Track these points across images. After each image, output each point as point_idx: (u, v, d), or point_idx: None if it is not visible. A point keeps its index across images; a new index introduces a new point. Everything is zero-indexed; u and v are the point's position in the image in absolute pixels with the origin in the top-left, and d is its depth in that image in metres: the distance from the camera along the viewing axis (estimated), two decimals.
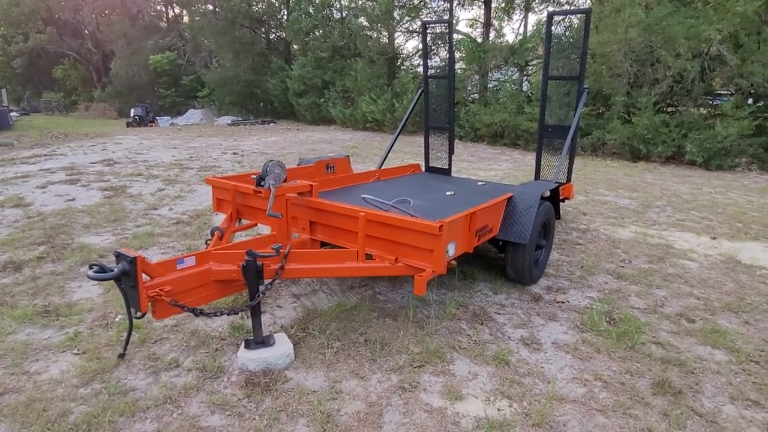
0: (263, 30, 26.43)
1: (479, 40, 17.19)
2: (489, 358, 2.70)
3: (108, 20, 33.19)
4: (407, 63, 20.01)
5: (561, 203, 4.85)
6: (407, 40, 21.05)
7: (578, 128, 5.39)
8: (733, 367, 2.68)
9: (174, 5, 35.22)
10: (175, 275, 2.37)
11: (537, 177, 5.47)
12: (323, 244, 3.39)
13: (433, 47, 10.97)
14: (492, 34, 17.21)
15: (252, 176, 3.23)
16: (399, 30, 19.55)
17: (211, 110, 26.46)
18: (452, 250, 2.78)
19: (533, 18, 19.50)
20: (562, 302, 3.46)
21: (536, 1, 17.84)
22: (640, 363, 2.69)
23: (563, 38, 5.27)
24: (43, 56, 36.82)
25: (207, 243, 3.23)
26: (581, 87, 4.97)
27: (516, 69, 15.89)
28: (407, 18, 18.87)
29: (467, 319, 3.16)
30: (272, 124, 22.29)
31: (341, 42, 19.59)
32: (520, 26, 19.99)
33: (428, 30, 5.54)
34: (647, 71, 11.15)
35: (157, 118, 24.75)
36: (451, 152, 5.50)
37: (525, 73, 16.11)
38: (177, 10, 35.62)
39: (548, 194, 3.83)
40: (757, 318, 3.29)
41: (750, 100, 10.93)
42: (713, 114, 11.28)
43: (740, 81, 10.27)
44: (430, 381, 2.49)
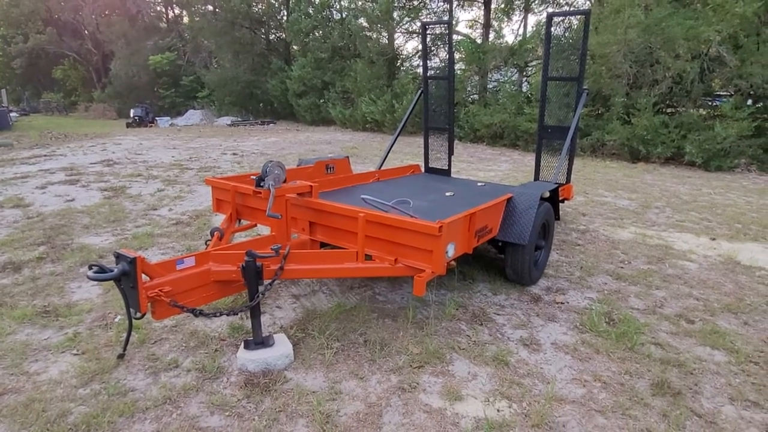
0: (263, 31, 26.45)
1: (479, 41, 17.20)
2: (488, 359, 2.70)
3: (108, 21, 33.20)
4: (407, 64, 20.03)
5: (560, 204, 4.85)
6: (407, 41, 21.11)
7: (578, 129, 5.40)
8: (733, 368, 2.68)
9: (174, 6, 35.28)
10: (175, 276, 2.37)
11: (536, 178, 5.47)
12: (323, 245, 3.39)
13: (433, 48, 11.01)
14: (491, 35, 17.23)
15: (251, 177, 3.23)
16: (399, 31, 19.58)
17: (211, 111, 26.46)
18: (452, 251, 2.78)
19: (533, 19, 19.49)
20: (562, 303, 3.47)
21: (536, 2, 17.86)
22: (640, 364, 2.69)
23: (563, 39, 5.28)
24: (43, 57, 36.82)
25: (206, 243, 3.24)
26: (581, 88, 4.98)
27: (515, 70, 15.91)
28: (407, 19, 18.89)
29: (467, 320, 3.16)
30: (272, 125, 22.29)
31: (341, 43, 19.62)
32: (520, 27, 20.02)
33: (428, 31, 5.54)
34: (647, 72, 11.16)
35: (157, 119, 24.74)
36: (451, 153, 5.50)
37: (524, 74, 16.13)
38: (177, 11, 35.70)
39: (548, 195, 3.83)
40: (756, 319, 3.30)
41: (749, 101, 10.95)
42: (712, 115, 11.29)
43: (739, 82, 10.29)
44: (430, 382, 2.49)
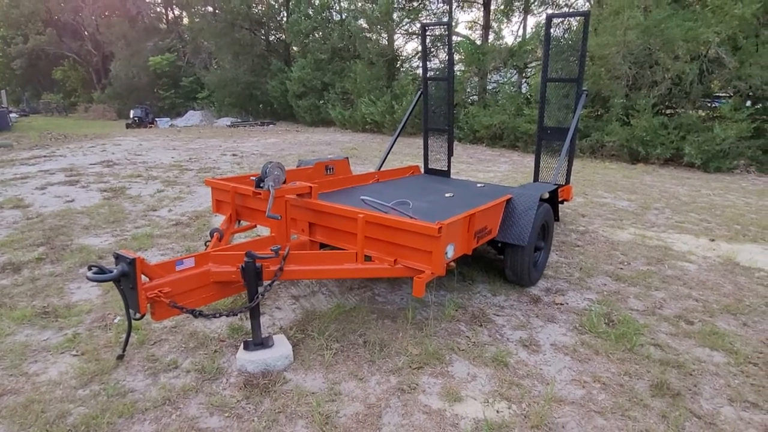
0: (263, 32, 26.48)
1: (478, 42, 17.22)
2: (488, 360, 2.70)
3: (108, 22, 33.23)
4: (406, 65, 20.06)
5: (560, 205, 4.86)
6: (406, 42, 21.15)
7: (577, 130, 5.41)
8: (732, 369, 2.68)
9: (174, 7, 35.30)
10: (174, 276, 2.37)
11: (536, 179, 5.48)
12: (322, 246, 3.39)
13: (433, 49, 11.00)
14: (491, 37, 17.25)
15: (251, 178, 3.23)
16: (398, 32, 19.60)
17: (211, 112, 26.48)
18: (451, 252, 2.78)
19: (532, 20, 19.52)
20: (561, 304, 3.47)
21: (535, 4, 17.89)
22: (639, 365, 2.69)
23: (562, 40, 5.30)
24: (43, 58, 36.84)
25: (206, 244, 3.23)
26: (580, 89, 4.99)
27: (515, 71, 15.92)
28: (406, 20, 18.91)
29: (466, 321, 3.16)
30: (271, 126, 22.30)
31: (341, 44, 19.64)
32: (519, 28, 20.08)
33: (427, 32, 5.55)
34: (646, 73, 11.18)
35: (157, 120, 24.77)
36: (450, 154, 5.51)
37: (524, 75, 16.14)
38: (177, 12, 35.74)
39: (547, 196, 3.84)
40: (756, 320, 3.30)
41: (748, 103, 10.97)
42: (712, 116, 11.31)
43: (738, 83, 10.31)
44: (429, 382, 2.49)
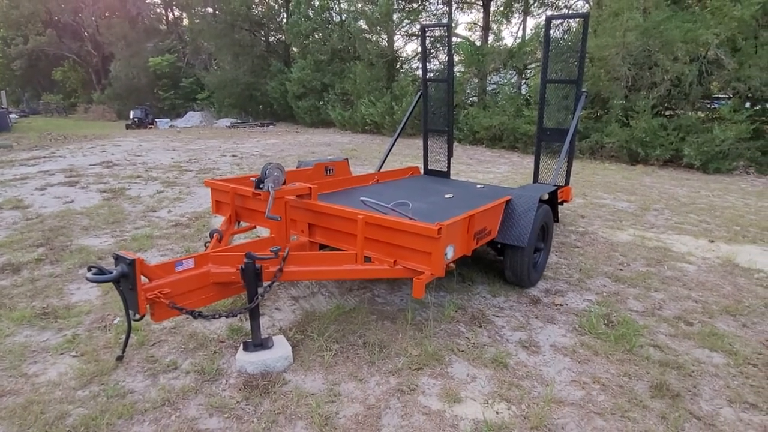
0: (263, 33, 26.51)
1: (478, 44, 17.26)
2: (487, 361, 2.70)
3: (108, 22, 33.23)
4: (406, 66, 20.10)
5: (559, 206, 4.86)
6: (406, 43, 21.21)
7: (576, 131, 5.41)
8: (731, 370, 2.68)
9: (174, 8, 35.33)
10: (174, 277, 2.37)
11: (535, 180, 5.48)
12: (322, 247, 3.40)
13: (432, 50, 10.95)
14: (491, 38, 17.30)
15: (251, 179, 3.23)
16: (398, 33, 19.64)
17: (211, 112, 26.50)
18: (451, 253, 2.78)
19: (532, 22, 19.59)
20: (561, 305, 3.47)
21: (535, 5, 17.95)
22: (638, 366, 2.69)
23: (561, 42, 5.29)
24: (43, 58, 36.85)
25: (206, 245, 3.23)
26: (579, 90, 4.99)
27: (514, 72, 15.95)
28: (406, 21, 18.95)
29: (466, 322, 3.16)
30: (271, 127, 22.31)
31: (340, 45, 19.66)
32: (519, 30, 20.14)
33: (427, 33, 5.56)
34: (645, 75, 11.20)
35: (157, 120, 24.76)
36: (450, 155, 5.51)
37: (523, 77, 16.17)
38: (177, 13, 35.78)
39: (547, 197, 3.84)
40: (755, 321, 3.30)
41: (747, 104, 10.99)
42: (711, 117, 11.34)
43: (738, 85, 10.33)
44: (429, 384, 2.49)
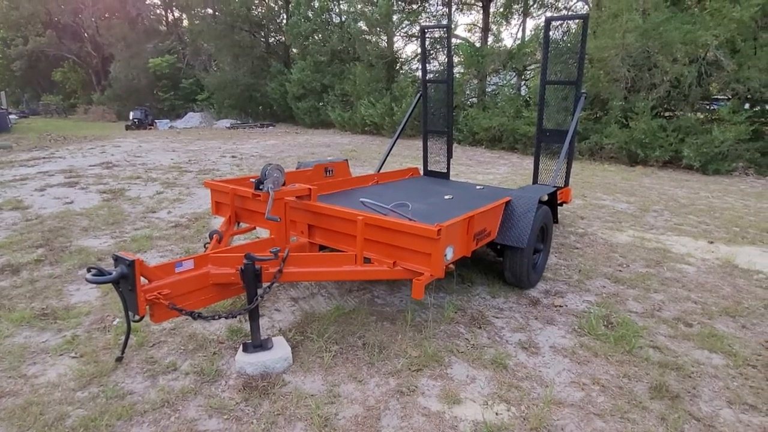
0: (262, 34, 26.53)
1: (478, 45, 17.28)
2: (487, 362, 2.70)
3: (108, 23, 33.25)
4: (406, 67, 20.10)
5: (559, 207, 4.86)
6: (406, 45, 21.23)
7: (576, 132, 5.42)
8: (731, 371, 2.68)
9: (174, 9, 35.36)
10: (174, 278, 2.37)
11: (535, 181, 5.49)
12: (322, 248, 3.40)
13: (432, 52, 11.04)
14: (490, 39, 17.31)
15: (251, 179, 3.24)
16: (398, 34, 19.66)
17: (210, 113, 26.51)
18: (450, 254, 2.79)
19: (531, 23, 19.64)
20: (560, 306, 3.47)
21: (534, 7, 17.99)
22: (638, 367, 2.69)
23: (561, 43, 5.30)
24: (43, 59, 36.87)
25: (205, 246, 3.23)
26: (579, 91, 5.00)
27: (514, 73, 15.97)
28: (406, 22, 18.97)
29: (465, 323, 3.16)
30: (271, 128, 22.32)
31: (340, 46, 19.68)
32: (519, 31, 20.15)
33: (427, 34, 5.56)
34: (644, 76, 11.21)
35: (156, 121, 24.76)
36: (450, 156, 5.51)
37: (523, 78, 16.19)
38: (176, 14, 35.80)
39: (546, 198, 3.84)
40: (754, 322, 3.31)
41: (747, 105, 11.00)
42: (710, 119, 11.35)
43: (737, 86, 10.34)
44: (428, 385, 2.49)
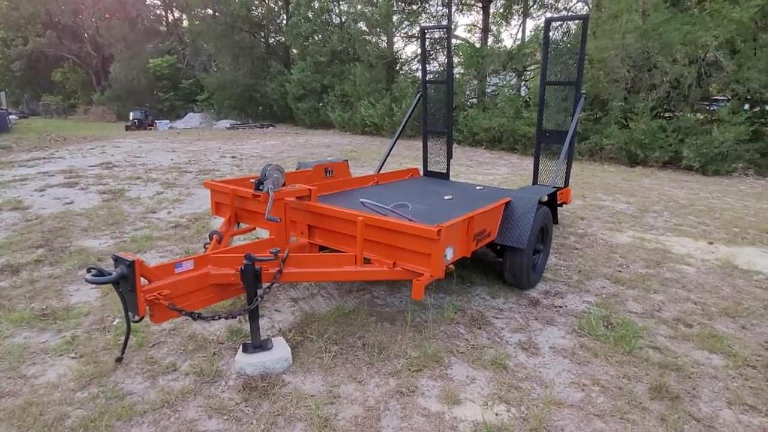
0: (262, 34, 26.54)
1: (477, 46, 17.29)
2: (487, 363, 2.70)
3: (108, 24, 33.26)
4: (406, 68, 20.11)
5: (559, 208, 4.86)
6: (406, 45, 21.18)
7: (576, 133, 5.42)
8: (730, 372, 2.68)
9: (174, 9, 35.35)
10: (174, 279, 2.38)
11: (535, 181, 5.49)
12: (322, 248, 3.40)
13: (432, 52, 10.99)
14: (490, 40, 17.32)
15: (251, 180, 3.24)
16: (398, 35, 19.67)
17: (210, 114, 26.51)
18: (450, 255, 2.78)
19: (531, 24, 19.66)
20: (560, 307, 3.47)
21: (534, 7, 17.99)
22: (638, 367, 2.69)
23: (561, 44, 5.31)
24: (43, 59, 36.88)
25: (205, 247, 3.23)
26: (579, 92, 5.00)
27: (514, 74, 15.97)
28: (406, 23, 18.98)
29: (465, 324, 3.16)
30: (271, 128, 22.31)
31: (340, 47, 19.68)
32: (518, 32, 20.15)
33: (427, 35, 5.56)
34: (644, 77, 11.22)
35: (156, 122, 24.77)
36: (450, 157, 5.51)
37: (523, 78, 16.20)
38: (177, 14, 35.79)
39: (546, 199, 3.84)
40: (754, 323, 3.31)
41: (746, 106, 11.01)
42: (710, 119, 11.36)
43: (737, 87, 10.35)
44: (428, 385, 2.49)
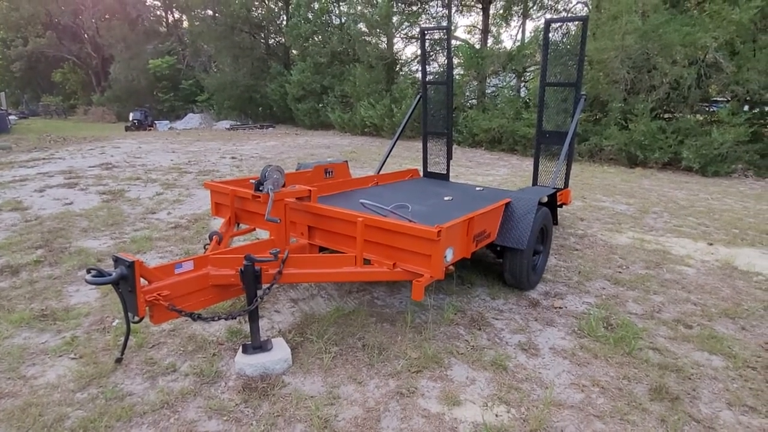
0: (262, 35, 26.56)
1: (477, 47, 17.30)
2: (487, 364, 2.70)
3: (108, 25, 33.28)
4: (406, 68, 20.12)
5: (558, 209, 4.87)
6: (406, 46, 21.19)
7: (575, 134, 5.42)
8: (730, 373, 2.68)
9: (174, 10, 35.38)
10: (173, 279, 2.37)
11: (535, 183, 5.49)
12: (321, 249, 3.40)
13: (432, 53, 10.99)
14: (490, 41, 17.33)
15: (250, 181, 3.24)
16: (398, 36, 19.68)
17: (210, 114, 26.52)
18: (450, 256, 2.79)
19: (531, 25, 19.67)
20: (560, 308, 3.47)
21: (534, 8, 18.01)
22: (638, 369, 2.69)
23: (560, 45, 5.31)
24: (43, 60, 36.90)
25: (205, 247, 3.23)
26: (578, 93, 5.00)
27: (514, 75, 15.98)
28: (406, 24, 18.99)
29: (465, 325, 3.16)
30: (271, 129, 22.32)
31: (340, 47, 19.69)
32: (518, 33, 20.17)
33: (427, 36, 5.57)
34: (644, 78, 11.23)
35: (156, 122, 24.77)
36: (449, 157, 5.52)
37: (523, 80, 16.21)
38: (177, 15, 35.82)
39: (546, 200, 3.84)
40: (754, 324, 3.31)
41: (746, 107, 11.02)
42: (710, 120, 11.37)
43: (736, 88, 10.36)
44: (428, 386, 2.48)
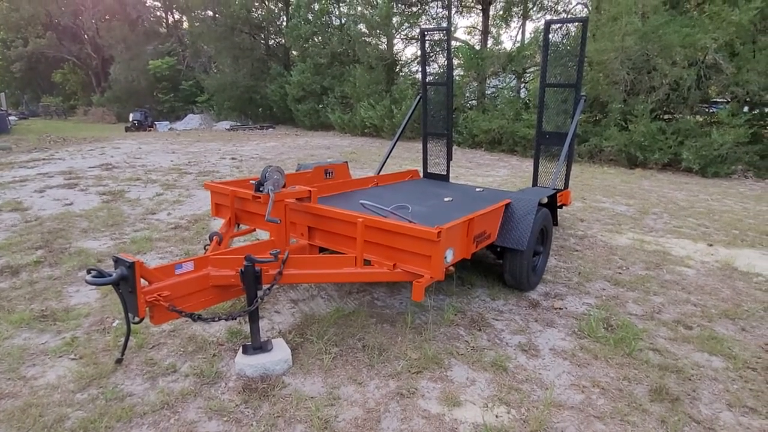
0: (262, 36, 26.58)
1: (477, 48, 17.32)
2: (487, 365, 2.70)
3: (108, 25, 33.30)
4: (406, 69, 20.14)
5: (558, 210, 4.87)
6: (406, 47, 21.21)
7: (575, 135, 5.43)
8: (730, 374, 2.68)
9: (174, 11, 35.41)
10: (174, 280, 2.37)
11: (534, 183, 5.49)
12: (322, 250, 3.40)
13: (432, 54, 11.03)
14: (490, 42, 17.35)
15: (251, 181, 3.24)
16: (398, 37, 19.69)
17: (210, 115, 26.53)
18: (450, 256, 2.79)
19: (531, 26, 19.72)
20: (560, 308, 3.47)
21: (534, 10, 18.04)
22: (638, 369, 2.69)
23: (560, 46, 5.31)
24: (43, 61, 36.91)
25: (205, 248, 3.23)
26: (578, 94, 5.01)
27: (514, 76, 16.00)
28: (406, 25, 19.01)
29: (465, 325, 3.16)
30: (271, 130, 22.33)
31: (340, 48, 19.71)
32: (518, 34, 20.23)
33: (427, 37, 5.57)
34: (644, 79, 11.24)
35: (156, 123, 24.78)
36: (449, 158, 5.52)
37: (523, 81, 16.22)
38: (177, 16, 35.85)
39: (546, 201, 3.84)
40: (754, 325, 3.31)
41: (746, 108, 11.03)
42: (709, 122, 11.38)
43: (736, 89, 10.37)
44: (428, 387, 2.48)
